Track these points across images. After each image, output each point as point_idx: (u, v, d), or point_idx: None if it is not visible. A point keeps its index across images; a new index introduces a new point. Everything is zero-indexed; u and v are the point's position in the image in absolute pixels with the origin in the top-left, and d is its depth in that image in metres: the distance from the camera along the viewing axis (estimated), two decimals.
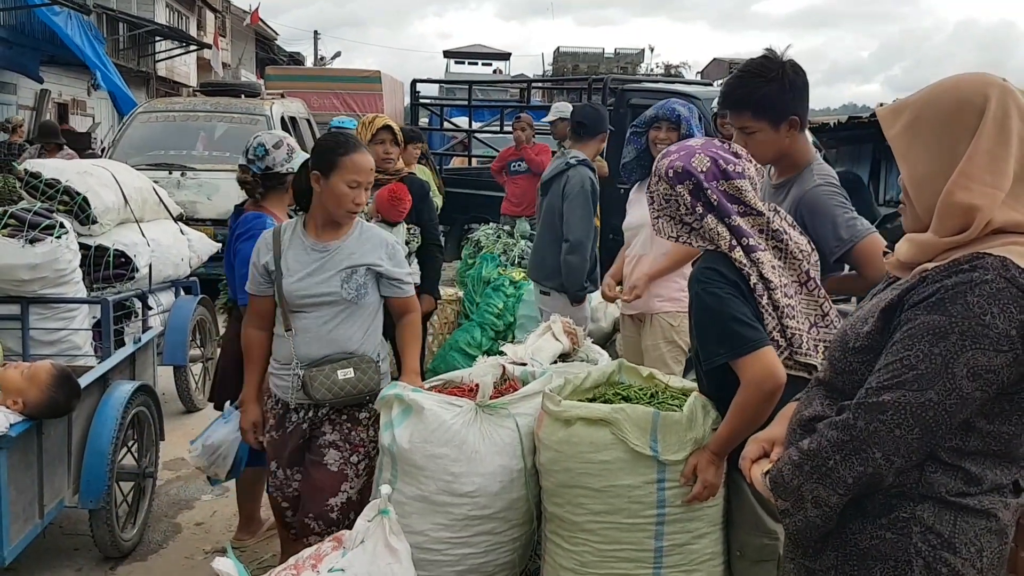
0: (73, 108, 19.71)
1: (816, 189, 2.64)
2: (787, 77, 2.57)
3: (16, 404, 2.98)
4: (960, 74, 1.69)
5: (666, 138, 3.99)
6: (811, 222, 2.60)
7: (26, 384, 3.01)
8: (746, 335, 2.21)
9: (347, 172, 2.87)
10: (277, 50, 35.64)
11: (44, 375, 3.05)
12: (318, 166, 2.91)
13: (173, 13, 24.86)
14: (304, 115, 10.97)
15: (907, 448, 1.55)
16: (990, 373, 1.50)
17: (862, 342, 1.66)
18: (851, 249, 2.57)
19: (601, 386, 2.83)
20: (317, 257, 2.94)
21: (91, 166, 5.42)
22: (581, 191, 4.43)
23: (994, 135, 1.56)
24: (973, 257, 1.54)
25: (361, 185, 2.90)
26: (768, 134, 2.62)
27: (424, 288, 4.55)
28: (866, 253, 2.55)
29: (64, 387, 3.10)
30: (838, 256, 2.61)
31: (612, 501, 2.40)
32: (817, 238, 2.58)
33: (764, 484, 1.77)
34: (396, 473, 2.70)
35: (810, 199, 2.63)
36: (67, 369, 3.24)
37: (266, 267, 2.97)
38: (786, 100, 2.58)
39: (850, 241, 2.56)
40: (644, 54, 50.36)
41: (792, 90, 2.58)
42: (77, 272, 4.60)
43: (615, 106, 9.14)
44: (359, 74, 19.27)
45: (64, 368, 3.21)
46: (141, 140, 9.29)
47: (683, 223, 2.37)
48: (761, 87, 2.57)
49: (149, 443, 4.03)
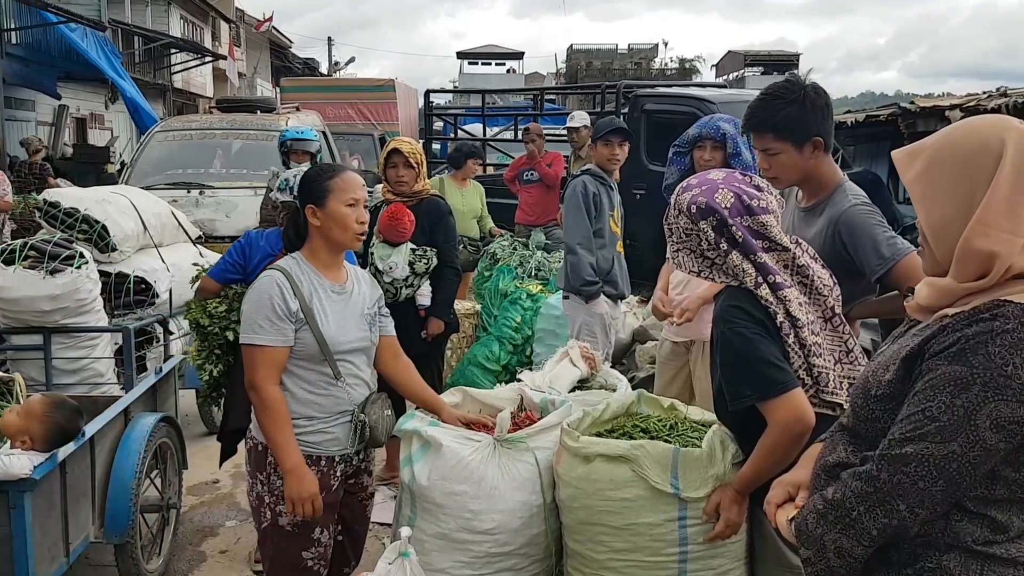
0: (91, 122, 19.91)
1: (852, 209, 2.66)
2: (808, 98, 2.61)
3: (25, 443, 3.00)
4: (976, 117, 1.67)
5: (711, 158, 3.84)
6: (851, 242, 2.63)
7: (25, 421, 3.03)
8: (775, 377, 2.18)
9: (342, 192, 2.71)
10: (292, 57, 35.83)
11: (37, 406, 3.08)
12: (311, 199, 2.72)
13: (188, 25, 25.04)
14: (319, 128, 11.01)
15: (931, 500, 1.54)
16: (1013, 424, 1.48)
17: (884, 390, 1.64)
18: (892, 267, 2.57)
19: (620, 417, 2.81)
20: (340, 299, 2.76)
21: (109, 193, 5.48)
22: (572, 197, 4.67)
23: (1012, 180, 1.53)
24: (994, 305, 1.52)
25: (359, 202, 2.74)
26: (791, 155, 2.66)
27: (432, 310, 4.57)
28: (908, 271, 2.54)
29: (61, 410, 3.11)
30: (880, 275, 2.63)
31: (633, 539, 2.39)
32: (858, 258, 2.62)
33: (790, 531, 1.76)
34: (416, 510, 2.70)
35: (848, 219, 2.65)
36: (58, 394, 3.27)
37: (294, 313, 2.64)
38: (807, 121, 2.62)
39: (892, 259, 2.57)
40: (658, 49, 50.47)
41: (813, 111, 2.62)
42: (98, 301, 4.66)
43: (629, 111, 9.12)
44: (373, 83, 19.35)
45: (55, 394, 3.24)
46: (159, 159, 9.36)
47: (705, 258, 2.35)
48: (782, 108, 2.62)
49: (172, 474, 4.06)
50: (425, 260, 4.49)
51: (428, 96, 13.28)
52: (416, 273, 4.47)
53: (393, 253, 4.45)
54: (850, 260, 2.66)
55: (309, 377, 2.68)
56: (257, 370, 2.62)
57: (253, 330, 2.62)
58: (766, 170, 2.72)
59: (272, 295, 2.63)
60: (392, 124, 17.63)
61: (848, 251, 2.65)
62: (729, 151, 3.81)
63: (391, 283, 4.41)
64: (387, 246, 4.48)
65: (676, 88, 10.63)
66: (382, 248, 4.48)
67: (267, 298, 2.63)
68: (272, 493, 2.70)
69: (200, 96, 24.86)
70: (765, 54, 49.57)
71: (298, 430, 2.67)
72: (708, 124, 3.93)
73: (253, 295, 2.67)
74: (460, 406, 3.11)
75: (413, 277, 4.48)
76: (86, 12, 14.89)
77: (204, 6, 25.07)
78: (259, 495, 2.74)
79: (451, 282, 4.66)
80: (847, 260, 2.66)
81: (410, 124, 18.84)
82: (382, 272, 4.42)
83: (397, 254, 4.43)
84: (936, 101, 8.31)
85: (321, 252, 2.76)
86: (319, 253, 2.76)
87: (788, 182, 2.77)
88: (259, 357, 2.62)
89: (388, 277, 4.41)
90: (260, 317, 2.62)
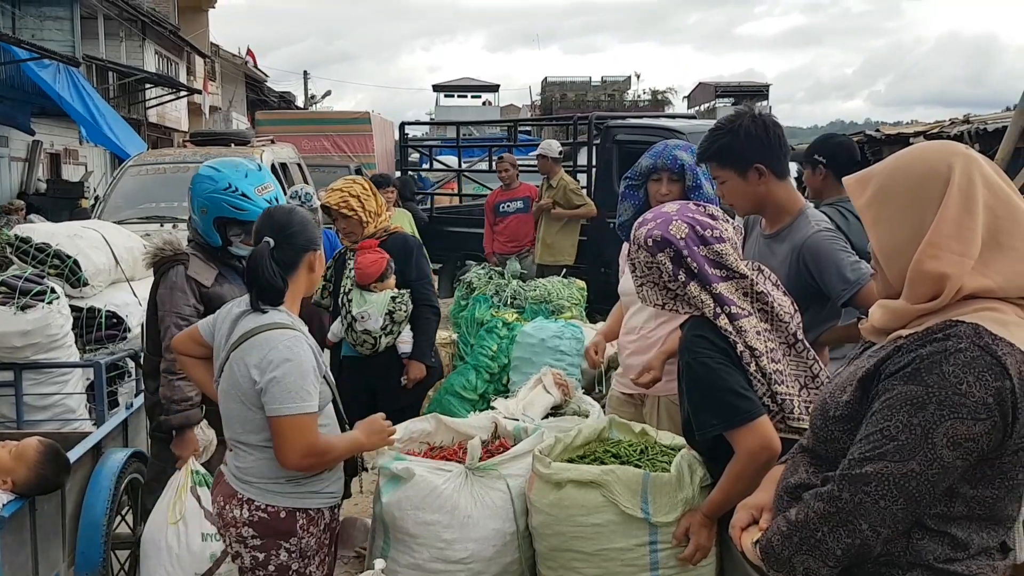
0: (65, 158, 19.80)
1: (816, 235, 2.73)
2: (743, 128, 2.72)
3: (5, 484, 2.97)
4: (925, 143, 1.72)
5: (668, 192, 3.38)
6: (815, 268, 2.70)
7: (14, 463, 2.99)
8: (740, 406, 2.21)
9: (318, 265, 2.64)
10: (267, 91, 35.86)
11: (32, 453, 3.03)
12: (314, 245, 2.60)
13: (163, 59, 25.03)
14: (295, 160, 11.03)
15: (892, 518, 1.56)
16: (969, 442, 1.51)
17: (842, 411, 1.67)
18: (858, 292, 2.63)
19: (592, 443, 2.83)
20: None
21: (81, 228, 5.46)
22: None
23: (960, 203, 1.58)
24: (946, 325, 1.56)
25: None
26: (736, 182, 2.77)
27: (412, 354, 4.23)
28: (873, 294, 2.57)
29: (53, 463, 3.08)
30: (846, 300, 2.69)
31: (605, 565, 2.40)
32: (823, 283, 2.69)
33: (755, 554, 1.78)
34: (389, 541, 2.70)
35: (811, 245, 2.72)
36: (55, 444, 3.23)
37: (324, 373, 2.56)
38: (743, 149, 2.73)
39: (857, 283, 2.63)
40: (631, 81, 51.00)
41: (748, 139, 2.72)
42: (69, 336, 4.62)
43: (601, 142, 9.24)
44: (349, 116, 19.42)
45: (52, 444, 3.19)
46: (132, 193, 9.31)
47: (667, 289, 2.37)
48: (721, 138, 2.76)
49: (144, 510, 4.01)
50: (404, 306, 4.17)
51: (403, 128, 13.38)
52: (395, 321, 4.15)
53: (368, 302, 4.13)
54: (815, 285, 2.72)
55: (323, 423, 2.53)
56: (312, 435, 2.43)
57: (304, 399, 2.40)
58: (722, 197, 2.85)
59: (310, 359, 2.46)
60: (368, 156, 17.68)
61: (813, 277, 2.70)
62: (688, 183, 3.39)
63: (364, 333, 4.11)
64: (363, 292, 4.16)
65: (646, 119, 10.85)
66: (358, 295, 4.17)
67: (309, 363, 2.45)
68: (305, 556, 2.51)
69: (175, 130, 24.80)
70: (735, 85, 50.27)
71: (323, 483, 2.55)
72: (663, 154, 3.44)
73: (295, 362, 2.41)
74: (434, 434, 3.12)
75: (392, 325, 4.15)
76: (60, 48, 14.88)
77: (179, 41, 25.11)
78: (283, 565, 2.50)
79: (429, 322, 4.30)
80: (812, 285, 2.71)
81: (386, 156, 18.88)
82: (356, 319, 4.12)
83: (372, 303, 4.11)
84: (901, 129, 8.49)
85: (296, 304, 2.61)
86: (294, 306, 2.60)
87: (744, 209, 2.87)
88: (311, 423, 2.43)
89: (360, 327, 4.10)
90: (309, 383, 2.42)
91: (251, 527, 2.48)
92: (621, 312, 3.63)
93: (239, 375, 2.44)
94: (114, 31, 20.76)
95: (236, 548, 2.53)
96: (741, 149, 2.71)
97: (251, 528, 2.48)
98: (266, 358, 2.39)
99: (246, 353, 2.43)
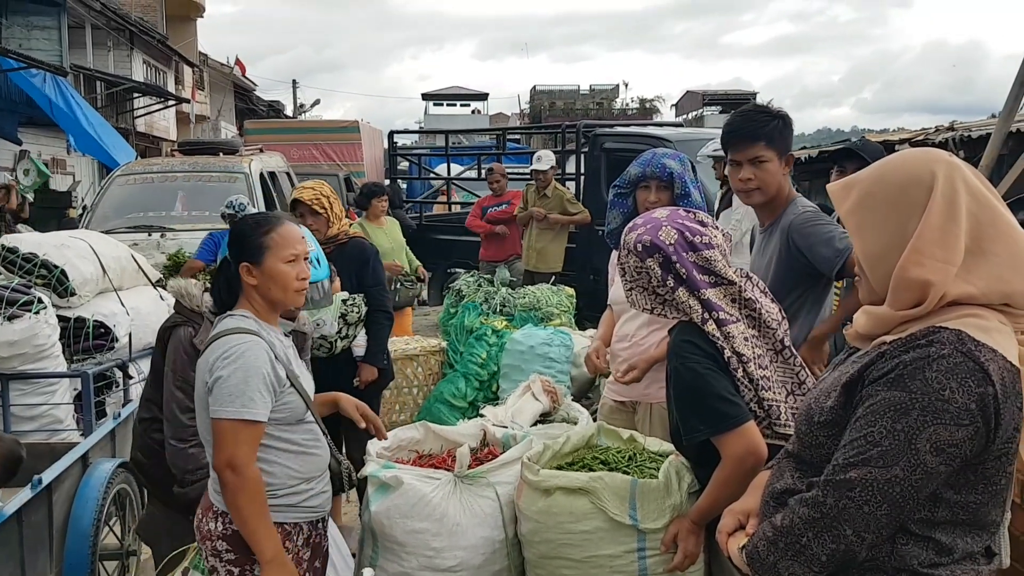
0: (53, 167, 19.70)
1: (801, 216, 2.94)
2: (784, 118, 2.94)
3: None
4: (908, 151, 1.74)
5: (657, 200, 3.32)
6: (804, 244, 2.88)
7: None
8: (726, 411, 2.21)
9: (280, 248, 2.46)
10: (256, 100, 35.82)
11: None
12: (246, 256, 2.46)
13: (151, 69, 24.98)
14: (283, 169, 11.03)
15: (877, 524, 1.57)
16: (952, 447, 1.52)
17: (826, 416, 1.68)
18: (848, 257, 2.75)
19: (580, 449, 2.84)
20: (291, 350, 2.57)
21: (68, 238, 5.44)
22: None
23: (943, 211, 1.59)
24: (929, 332, 1.57)
25: (299, 257, 2.50)
26: (775, 165, 2.94)
27: (365, 357, 4.36)
28: None
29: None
30: (838, 268, 2.85)
31: (594, 572, 2.41)
32: (814, 257, 2.87)
33: (742, 559, 1.79)
34: (377, 550, 2.69)
35: (798, 225, 2.91)
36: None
37: (281, 381, 2.42)
38: (787, 136, 2.93)
39: (847, 249, 2.76)
40: (619, 89, 51.16)
41: (788, 129, 2.94)
42: (57, 346, 4.62)
43: (589, 149, 9.28)
44: (337, 125, 19.37)
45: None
46: (120, 203, 9.30)
47: (656, 295, 2.38)
48: (770, 121, 2.93)
49: (131, 520, 3.99)
50: (356, 309, 4.30)
51: (392, 137, 13.39)
52: (349, 324, 4.27)
53: (321, 309, 4.07)
54: (807, 263, 2.89)
55: (299, 439, 2.46)
56: (241, 447, 2.30)
57: (243, 403, 2.29)
58: (749, 181, 2.93)
59: (263, 364, 2.35)
60: (357, 164, 17.65)
61: (804, 254, 2.89)
62: (677, 191, 3.35)
63: (321, 338, 4.17)
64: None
65: (634, 127, 10.92)
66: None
67: (260, 367, 2.34)
68: None
69: (163, 140, 24.73)
70: (722, 93, 50.42)
71: (299, 497, 2.46)
72: (652, 162, 3.41)
73: (240, 363, 2.32)
74: (422, 442, 3.12)
75: (346, 328, 4.28)
76: (47, 58, 14.81)
77: (167, 50, 25.06)
78: None
79: (383, 327, 4.43)
80: (804, 263, 2.89)
81: (375, 164, 18.85)
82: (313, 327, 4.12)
83: (325, 310, 4.08)
84: (887, 136, 8.54)
85: (261, 311, 2.50)
86: (260, 313, 2.50)
87: (768, 195, 2.98)
88: (246, 433, 2.31)
89: (317, 333, 4.10)
90: (252, 389, 2.31)
91: (225, 540, 2.41)
92: (612, 319, 3.63)
93: (200, 379, 2.41)
94: (102, 40, 20.70)
95: (212, 562, 2.45)
96: (786, 135, 2.92)
97: (225, 542, 2.41)
98: (218, 359, 2.34)
99: (206, 356, 2.40)
